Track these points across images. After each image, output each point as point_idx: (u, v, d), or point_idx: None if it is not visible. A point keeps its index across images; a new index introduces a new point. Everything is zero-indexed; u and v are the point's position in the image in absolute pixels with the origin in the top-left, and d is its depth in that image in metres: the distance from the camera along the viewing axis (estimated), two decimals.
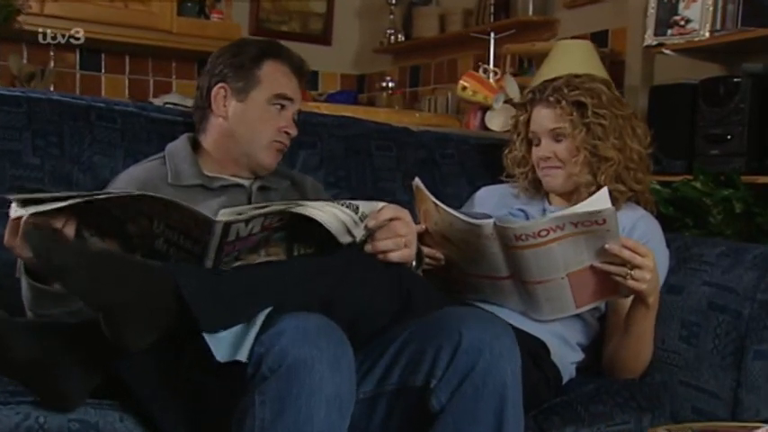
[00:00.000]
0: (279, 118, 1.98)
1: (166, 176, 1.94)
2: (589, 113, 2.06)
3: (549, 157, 2.10)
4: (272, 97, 1.97)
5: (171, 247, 1.48)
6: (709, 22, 2.87)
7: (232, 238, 1.44)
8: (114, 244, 1.50)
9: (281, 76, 1.99)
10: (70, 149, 1.97)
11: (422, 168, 2.38)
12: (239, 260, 1.50)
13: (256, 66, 1.98)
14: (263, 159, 1.98)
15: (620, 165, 2.07)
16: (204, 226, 1.41)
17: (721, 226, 2.61)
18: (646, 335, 1.92)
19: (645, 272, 1.76)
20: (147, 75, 4.97)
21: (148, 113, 2.11)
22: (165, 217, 1.45)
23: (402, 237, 1.62)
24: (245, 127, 1.97)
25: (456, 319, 1.48)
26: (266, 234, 1.50)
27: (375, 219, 1.60)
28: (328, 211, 1.51)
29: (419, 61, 4.85)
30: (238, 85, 1.97)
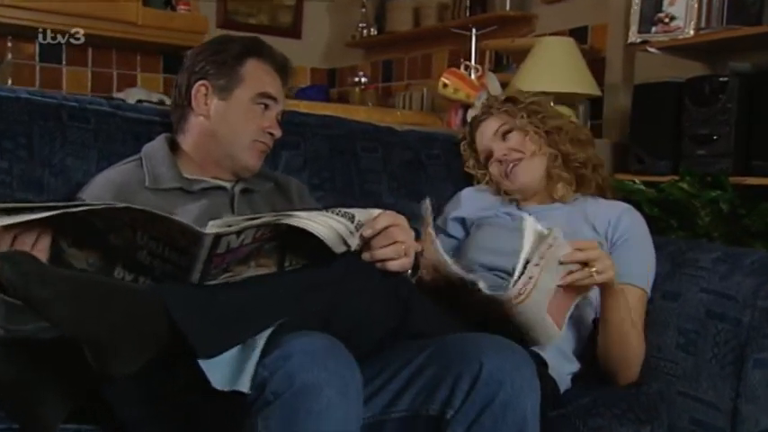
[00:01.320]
0: (263, 118, 1.90)
1: (144, 180, 1.84)
2: (521, 99, 2.17)
3: (505, 155, 2.13)
4: (255, 96, 1.88)
5: (155, 259, 1.39)
6: (694, 20, 2.83)
7: (222, 250, 1.36)
8: (94, 255, 1.40)
9: (265, 75, 1.91)
10: (40, 151, 1.85)
11: (408, 170, 2.31)
12: (228, 272, 1.41)
13: (239, 63, 1.89)
14: (246, 160, 1.90)
15: (572, 134, 2.14)
16: (192, 238, 1.33)
17: (709, 228, 2.57)
18: (625, 324, 1.87)
19: (603, 260, 1.73)
20: (110, 68, 4.83)
21: (123, 113, 2.00)
22: (150, 228, 1.36)
23: (401, 243, 1.55)
24: (228, 126, 1.88)
25: (476, 347, 1.41)
26: (257, 245, 1.42)
27: (371, 227, 1.52)
28: (323, 222, 1.43)
29: (392, 56, 4.77)
30: (220, 82, 1.88)
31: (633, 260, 1.99)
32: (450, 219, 2.24)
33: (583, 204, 2.12)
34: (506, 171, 2.14)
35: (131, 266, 1.40)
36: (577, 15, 3.62)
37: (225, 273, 1.40)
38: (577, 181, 2.13)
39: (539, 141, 2.11)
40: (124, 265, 1.40)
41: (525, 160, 2.11)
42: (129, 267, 1.40)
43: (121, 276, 1.40)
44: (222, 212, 1.83)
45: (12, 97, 1.86)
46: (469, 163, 2.28)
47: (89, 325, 1.22)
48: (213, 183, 1.89)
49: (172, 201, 1.81)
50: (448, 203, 2.29)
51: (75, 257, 1.39)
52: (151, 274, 1.40)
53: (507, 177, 2.14)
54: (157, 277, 1.40)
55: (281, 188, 2.01)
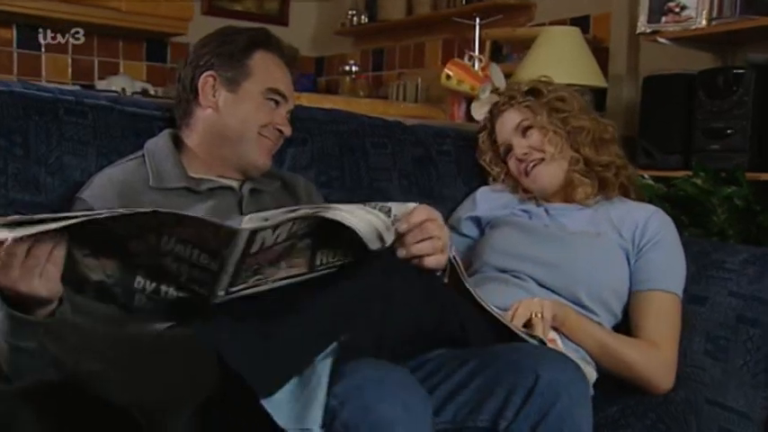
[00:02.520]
0: (273, 113, 1.81)
1: (147, 178, 1.73)
2: (545, 93, 2.06)
3: (525, 153, 2.04)
4: (266, 90, 1.79)
5: (182, 264, 1.29)
6: (706, 10, 2.74)
7: (256, 249, 1.26)
8: (111, 265, 1.30)
9: (275, 69, 1.82)
10: (36, 149, 1.73)
11: (418, 167, 2.21)
12: (259, 274, 1.32)
13: (246, 55, 1.79)
14: (255, 158, 1.80)
15: (595, 134, 2.04)
16: (226, 238, 1.23)
17: (724, 225, 2.49)
18: (603, 350, 1.83)
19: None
20: (91, 55, 4.71)
21: (122, 107, 1.88)
22: (178, 231, 1.25)
23: (437, 239, 1.47)
24: (236, 119, 1.78)
25: (531, 358, 1.38)
26: (291, 243, 1.32)
27: (407, 222, 1.44)
28: (361, 216, 1.34)
29: (383, 44, 4.66)
30: (228, 74, 1.78)
31: (664, 264, 1.92)
32: (464, 218, 2.14)
33: (607, 208, 2.03)
34: (525, 170, 2.05)
35: (154, 274, 1.30)
36: (579, 4, 3.52)
37: (255, 275, 1.32)
38: (599, 184, 2.04)
39: (559, 143, 2.01)
40: (146, 274, 1.30)
41: (545, 162, 2.03)
42: (151, 275, 1.30)
43: (142, 286, 1.31)
44: (230, 213, 1.74)
45: (5, 91, 1.74)
46: (487, 157, 2.18)
47: (142, 390, 1.13)
48: (220, 182, 1.79)
49: (178, 201, 1.71)
50: (462, 204, 2.20)
51: (91, 268, 1.29)
52: (176, 282, 1.31)
53: (527, 176, 2.05)
54: (183, 284, 1.31)
55: (289, 187, 1.92)
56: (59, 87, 1.85)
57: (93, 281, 1.29)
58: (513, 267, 1.95)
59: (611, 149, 2.05)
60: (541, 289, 1.91)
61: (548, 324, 1.75)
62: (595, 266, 1.91)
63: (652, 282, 1.90)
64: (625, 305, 1.93)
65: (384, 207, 1.39)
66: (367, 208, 1.36)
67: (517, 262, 1.95)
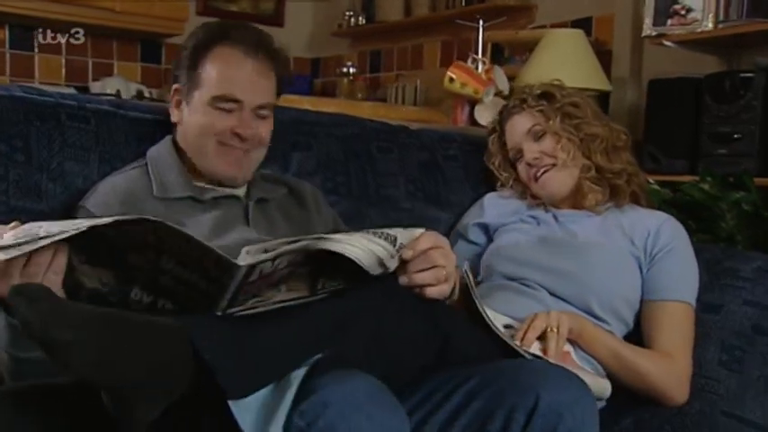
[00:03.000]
0: (226, 119, 1.68)
1: (151, 187, 1.69)
2: (558, 98, 2.01)
3: (536, 158, 1.99)
4: (210, 100, 1.67)
5: (180, 285, 1.26)
6: (712, 12, 2.71)
7: (254, 278, 1.23)
8: (108, 274, 1.26)
9: (226, 69, 1.67)
10: (38, 155, 1.68)
11: (425, 173, 2.17)
12: (257, 297, 1.29)
13: (198, 62, 1.69)
14: (222, 171, 1.71)
15: (608, 141, 1.99)
16: (226, 268, 1.20)
17: (733, 231, 2.46)
18: (614, 360, 1.78)
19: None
20: (85, 56, 4.66)
21: (126, 112, 1.83)
22: (179, 254, 1.22)
23: (442, 268, 1.42)
24: (192, 133, 1.71)
25: (531, 376, 1.32)
26: (291, 269, 1.29)
27: (412, 248, 1.39)
28: (363, 246, 1.30)
29: (380, 45, 4.61)
30: (186, 85, 1.71)
31: (676, 273, 1.89)
32: (471, 224, 2.10)
33: (617, 215, 1.99)
34: (535, 175, 2.01)
35: (151, 288, 1.27)
36: (581, 6, 3.49)
37: (253, 298, 1.28)
38: (610, 192, 2.01)
39: (572, 150, 1.97)
40: (143, 287, 1.26)
41: (556, 169, 1.98)
42: (148, 289, 1.27)
43: (139, 298, 1.27)
44: (236, 224, 1.70)
45: (5, 96, 1.69)
46: (496, 161, 2.12)
47: (115, 371, 1.08)
48: (225, 191, 1.74)
49: (182, 211, 1.67)
50: (469, 210, 2.16)
51: (86, 275, 1.25)
52: (172, 298, 1.27)
53: (536, 181, 2.01)
54: (180, 302, 1.27)
55: (296, 194, 1.87)
56: (60, 92, 1.80)
57: (88, 287, 1.26)
58: (522, 275, 1.92)
59: (624, 157, 2.01)
60: (552, 298, 1.87)
61: (563, 339, 1.72)
62: (607, 275, 1.87)
63: (665, 291, 1.87)
64: (636, 314, 1.90)
65: (390, 236, 1.35)
66: (371, 236, 1.32)
67: (527, 270, 1.91)
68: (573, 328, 1.75)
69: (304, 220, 1.83)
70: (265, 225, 1.75)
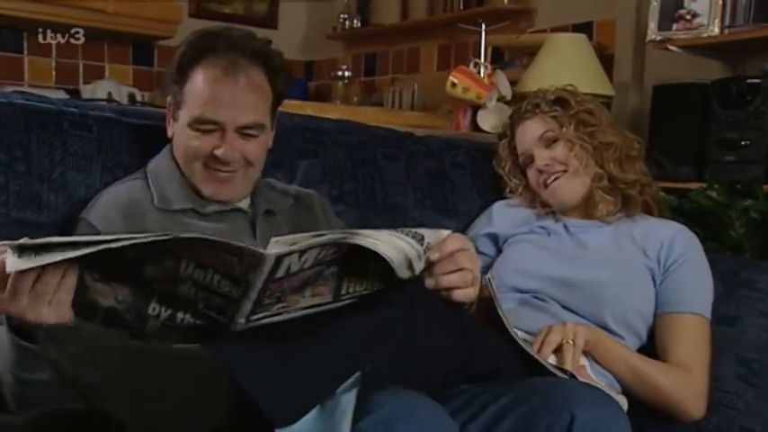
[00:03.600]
0: (208, 141, 1.61)
1: (152, 199, 1.64)
2: (572, 104, 1.97)
3: (547, 165, 1.95)
4: (192, 121, 1.60)
5: (200, 291, 1.21)
6: (718, 17, 2.67)
7: (281, 275, 1.18)
8: (123, 290, 1.20)
9: (205, 89, 1.59)
10: (39, 165, 1.63)
11: (433, 181, 2.13)
12: (281, 302, 1.24)
13: (186, 74, 1.62)
14: (209, 194, 1.65)
15: (622, 151, 1.96)
16: (251, 263, 1.15)
17: (742, 239, 2.42)
18: (631, 374, 1.75)
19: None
20: (76, 58, 4.59)
21: (129, 119, 1.78)
22: (199, 256, 1.17)
23: (468, 271, 1.39)
24: (179, 150, 1.66)
25: (566, 396, 1.29)
26: (317, 269, 1.25)
27: (439, 250, 1.36)
28: (393, 243, 1.26)
29: (375, 49, 4.56)
30: (174, 101, 1.65)
31: (691, 285, 1.85)
32: (480, 235, 2.06)
33: (629, 225, 1.95)
34: (546, 182, 1.96)
35: (169, 301, 1.22)
36: (582, 10, 3.44)
37: (278, 303, 1.24)
38: (622, 202, 1.97)
39: (585, 158, 1.93)
40: (161, 300, 1.22)
41: (567, 176, 1.94)
42: (165, 302, 1.22)
43: (156, 313, 1.22)
44: (242, 238, 1.64)
45: (4, 103, 1.64)
46: (506, 166, 2.08)
47: (146, 408, 1.04)
48: (227, 204, 1.69)
49: (184, 224, 1.62)
50: (477, 219, 2.12)
51: (101, 293, 1.20)
52: (192, 309, 1.22)
53: (546, 188, 1.97)
54: (200, 312, 1.23)
55: (304, 205, 1.82)
56: (62, 99, 1.74)
57: (103, 307, 1.21)
58: (534, 288, 1.88)
59: (637, 166, 1.97)
60: (565, 311, 1.84)
61: (579, 351, 1.68)
62: (620, 287, 1.84)
63: (680, 303, 1.83)
64: (650, 327, 1.86)
65: (417, 234, 1.31)
66: (399, 234, 1.29)
67: (538, 282, 1.88)
68: (589, 340, 1.71)
69: (313, 230, 1.77)
70: None
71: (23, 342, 1.20)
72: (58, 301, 1.14)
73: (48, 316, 1.14)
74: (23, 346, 1.21)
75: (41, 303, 1.13)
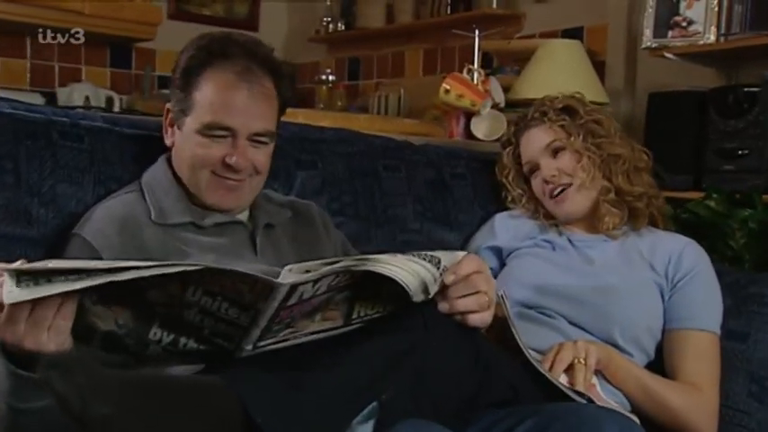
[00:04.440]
0: (218, 148, 1.55)
1: (149, 213, 1.56)
2: (581, 113, 1.92)
3: (554, 175, 1.90)
4: (201, 127, 1.54)
5: (207, 317, 1.16)
6: (714, 24, 2.63)
7: (293, 302, 1.15)
8: (124, 313, 1.15)
9: (217, 95, 1.53)
10: (28, 177, 1.55)
11: (433, 192, 2.07)
12: (290, 327, 1.21)
13: (192, 83, 1.55)
14: (214, 202, 1.58)
15: (630, 163, 1.91)
16: (263, 291, 1.12)
17: (742, 250, 2.39)
18: (641, 392, 1.71)
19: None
20: (52, 60, 4.47)
21: (121, 129, 1.70)
22: (208, 283, 1.12)
23: (484, 294, 1.34)
24: (184, 160, 1.58)
25: (590, 423, 1.24)
26: (330, 294, 1.21)
27: (454, 273, 1.31)
28: (410, 269, 1.23)
29: (359, 53, 4.50)
30: (176, 108, 1.58)
31: (700, 300, 1.81)
32: (483, 248, 2.00)
33: (635, 239, 1.91)
34: (551, 192, 1.91)
35: (172, 326, 1.17)
36: (572, 15, 3.39)
37: (287, 328, 1.21)
38: (629, 214, 1.92)
39: (592, 170, 1.87)
40: (163, 324, 1.17)
41: (573, 188, 1.89)
42: (168, 326, 1.17)
43: (158, 338, 1.18)
44: (243, 252, 1.59)
45: None
46: (509, 174, 2.02)
47: None
48: (227, 217, 1.62)
49: (183, 238, 1.55)
50: (479, 231, 2.06)
51: (100, 317, 1.15)
52: (196, 335, 1.18)
53: (551, 199, 1.92)
54: (205, 338, 1.19)
55: (303, 217, 1.75)
56: (52, 108, 1.66)
57: (102, 330, 1.16)
58: (540, 304, 1.82)
59: (644, 179, 1.93)
60: (572, 327, 1.79)
61: (591, 370, 1.63)
62: (629, 303, 1.79)
63: (689, 320, 1.79)
64: (658, 343, 1.81)
65: (434, 258, 1.27)
66: (416, 258, 1.25)
67: (545, 298, 1.82)
68: (601, 358, 1.66)
69: (313, 243, 1.72)
70: (273, 252, 1.64)
71: (20, 370, 1.13)
72: (58, 328, 1.09)
73: (47, 343, 1.09)
74: (19, 374, 1.14)
75: (40, 330, 1.08)
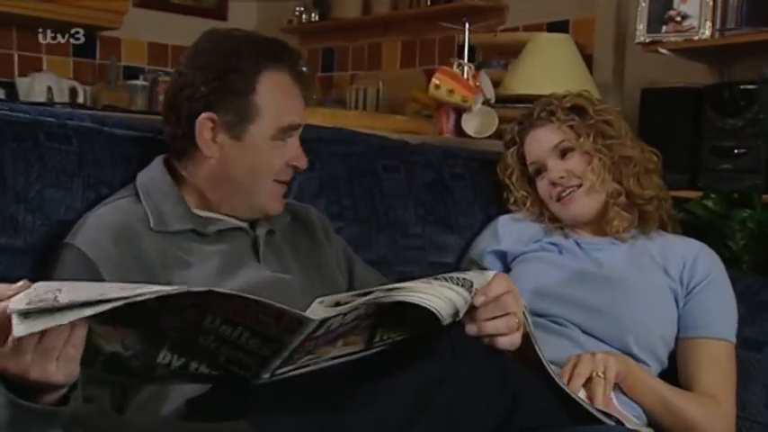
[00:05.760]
0: (285, 151, 1.52)
1: (146, 218, 1.45)
2: (591, 113, 1.84)
3: (562, 177, 1.82)
4: (277, 133, 1.49)
5: (223, 345, 1.08)
6: (709, 19, 2.58)
7: (320, 333, 1.09)
8: (132, 335, 1.06)
9: (285, 96, 1.50)
10: (13, 182, 1.44)
11: (433, 194, 1.98)
12: (311, 354, 1.14)
13: (251, 88, 1.46)
14: (268, 207, 1.54)
15: (641, 165, 1.84)
16: (291, 325, 1.05)
17: (741, 252, 2.34)
18: (660, 406, 1.64)
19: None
20: (10, 49, 4.32)
21: (111, 129, 1.59)
22: (230, 312, 1.04)
23: (514, 315, 1.27)
24: (244, 170, 1.49)
25: None
26: (357, 323, 1.15)
27: (485, 294, 1.24)
28: (443, 295, 1.15)
29: (334, 43, 4.39)
30: (229, 117, 1.46)
31: (716, 308, 1.75)
32: (486, 252, 1.92)
33: (645, 243, 1.84)
34: (559, 195, 1.83)
35: (183, 350, 1.09)
36: (557, 7, 3.32)
37: (308, 355, 1.14)
38: (639, 218, 1.85)
39: (602, 172, 1.80)
40: (173, 347, 1.08)
41: (582, 191, 1.81)
42: (179, 350, 1.09)
43: (168, 361, 1.09)
44: (245, 260, 1.51)
45: None
46: (512, 175, 1.93)
47: None
48: (230, 223, 1.53)
49: (184, 245, 1.46)
50: (481, 234, 1.98)
51: (105, 337, 1.06)
52: (209, 360, 1.10)
53: (558, 202, 1.84)
54: (219, 364, 1.11)
55: (302, 222, 1.67)
56: (37, 107, 1.54)
57: (106, 352, 1.07)
58: (550, 311, 1.75)
59: (654, 181, 1.86)
60: (586, 336, 1.72)
61: (610, 385, 1.55)
62: (644, 310, 1.72)
63: (705, 328, 1.73)
64: (671, 351, 1.75)
65: (466, 281, 1.20)
66: (448, 283, 1.18)
67: (555, 305, 1.75)
68: (619, 371, 1.59)
69: (315, 252, 1.63)
70: (275, 259, 1.55)
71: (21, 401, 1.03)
72: (68, 357, 1.00)
73: (55, 374, 1.00)
74: (20, 404, 1.04)
75: (48, 360, 0.99)
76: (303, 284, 1.52)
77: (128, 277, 1.33)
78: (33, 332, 0.92)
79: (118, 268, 1.36)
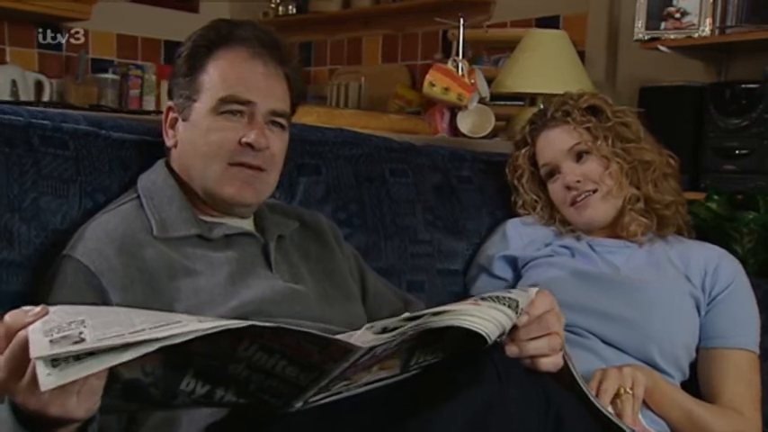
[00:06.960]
0: (234, 129, 1.38)
1: (149, 227, 1.35)
2: (608, 114, 1.76)
3: (578, 181, 1.73)
4: (216, 105, 1.37)
5: (255, 373, 1.00)
6: (709, 17, 2.53)
7: (365, 359, 1.02)
8: (153, 361, 0.95)
9: (231, 71, 1.38)
10: (7, 190, 1.32)
11: (439, 198, 1.89)
12: (347, 380, 1.06)
13: (202, 62, 1.39)
14: (230, 197, 1.40)
15: (659, 169, 1.77)
16: (336, 353, 0.97)
17: (747, 255, 2.29)
18: (686, 420, 1.58)
19: None
20: None
21: (108, 133, 1.47)
22: (268, 339, 0.95)
23: (556, 334, 1.19)
24: (192, 153, 1.39)
25: None
26: (399, 347, 1.07)
27: (528, 313, 1.16)
28: (492, 317, 1.07)
29: (312, 37, 4.28)
30: (180, 101, 1.40)
31: (739, 317, 1.69)
32: (496, 257, 1.83)
33: (662, 247, 1.77)
34: (574, 199, 1.75)
35: (209, 376, 1.00)
36: (547, 3, 3.25)
37: (343, 381, 1.06)
38: (657, 223, 1.78)
39: (620, 177, 1.72)
40: (198, 374, 0.99)
41: (598, 197, 1.73)
42: (204, 377, 0.99)
43: (192, 388, 1.00)
44: (256, 268, 1.40)
45: None
46: (523, 177, 1.85)
47: None
48: (238, 228, 1.43)
49: (190, 254, 1.35)
50: (490, 239, 1.90)
51: (125, 364, 0.94)
52: (237, 388, 1.02)
53: (572, 206, 1.76)
54: (248, 393, 1.03)
55: (312, 230, 1.57)
56: (29, 109, 1.42)
57: (125, 378, 0.97)
58: (568, 320, 1.66)
59: (672, 185, 1.79)
60: (607, 347, 1.64)
61: (639, 402, 1.48)
62: (668, 319, 1.65)
63: (729, 337, 1.66)
64: (692, 361, 1.69)
65: (512, 301, 1.12)
66: (497, 305, 1.09)
67: (571, 313, 1.65)
68: (647, 386, 1.51)
69: (325, 258, 1.54)
70: (287, 268, 1.46)
71: None
72: (91, 390, 0.91)
73: (76, 409, 0.90)
74: None
75: (69, 395, 0.89)
76: (316, 294, 1.44)
77: (132, 290, 1.26)
78: (67, 383, 0.81)
79: (122, 281, 1.27)
